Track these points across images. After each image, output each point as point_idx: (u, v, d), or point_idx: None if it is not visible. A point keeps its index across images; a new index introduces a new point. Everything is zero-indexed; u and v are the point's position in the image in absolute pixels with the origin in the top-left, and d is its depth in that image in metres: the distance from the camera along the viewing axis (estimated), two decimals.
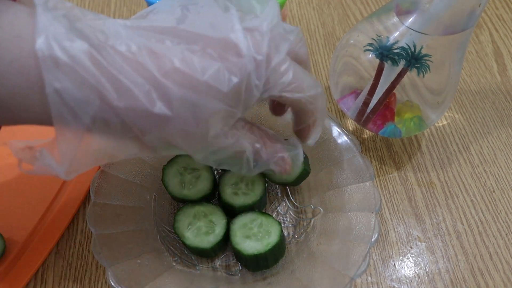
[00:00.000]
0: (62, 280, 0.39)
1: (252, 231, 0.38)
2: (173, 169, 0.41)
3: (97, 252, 0.36)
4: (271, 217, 0.39)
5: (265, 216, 0.39)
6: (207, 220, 0.39)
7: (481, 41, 0.61)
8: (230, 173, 0.42)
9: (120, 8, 0.64)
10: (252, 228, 0.38)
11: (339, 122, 0.45)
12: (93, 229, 0.38)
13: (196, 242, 0.38)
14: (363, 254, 0.36)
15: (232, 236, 0.38)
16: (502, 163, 0.48)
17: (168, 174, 0.41)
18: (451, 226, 0.44)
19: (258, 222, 0.39)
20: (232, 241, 0.38)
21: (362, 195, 0.40)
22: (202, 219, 0.39)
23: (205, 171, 0.42)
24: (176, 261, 0.39)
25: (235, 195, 0.40)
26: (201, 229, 0.39)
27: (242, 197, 0.40)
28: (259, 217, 0.39)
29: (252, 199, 0.40)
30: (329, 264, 0.37)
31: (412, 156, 0.49)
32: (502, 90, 0.55)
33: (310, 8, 0.65)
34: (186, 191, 0.41)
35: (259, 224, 0.39)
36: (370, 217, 0.38)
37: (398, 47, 0.40)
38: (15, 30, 0.23)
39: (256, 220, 0.39)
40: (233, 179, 0.41)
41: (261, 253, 0.37)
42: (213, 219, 0.39)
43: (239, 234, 0.38)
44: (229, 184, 0.41)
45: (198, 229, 0.39)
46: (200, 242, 0.38)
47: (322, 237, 0.40)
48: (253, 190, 0.41)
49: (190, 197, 0.41)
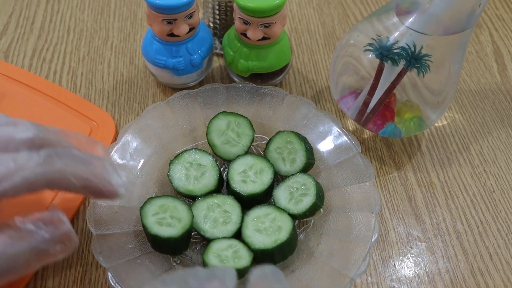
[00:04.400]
0: (62, 280, 0.39)
1: (264, 225, 0.38)
2: (179, 164, 0.42)
3: (97, 252, 0.36)
4: (285, 213, 0.39)
5: (280, 212, 0.39)
6: (222, 210, 0.40)
7: (481, 41, 0.61)
8: (239, 161, 0.42)
9: (120, 8, 0.64)
10: (265, 222, 0.38)
11: (339, 122, 0.45)
12: (93, 229, 0.38)
13: (216, 234, 0.38)
14: (363, 254, 0.36)
15: (244, 228, 0.38)
16: (502, 163, 0.48)
17: (174, 169, 0.42)
18: (451, 226, 0.44)
19: (271, 216, 0.39)
20: (242, 232, 0.38)
21: (362, 195, 0.40)
22: (216, 210, 0.40)
23: (211, 168, 0.42)
24: (176, 261, 0.39)
25: (244, 182, 0.41)
26: (218, 220, 0.39)
27: (250, 184, 0.41)
28: (274, 212, 0.39)
29: (260, 188, 0.41)
30: (329, 264, 0.37)
31: (412, 156, 0.49)
32: (502, 90, 0.55)
33: (310, 8, 0.65)
34: (191, 187, 0.41)
35: (272, 219, 0.38)
36: (370, 217, 0.38)
37: (398, 47, 0.40)
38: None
39: (270, 214, 0.39)
40: (242, 166, 0.42)
41: (268, 249, 0.37)
42: (227, 209, 0.40)
43: (250, 226, 0.38)
44: (237, 172, 0.42)
45: (215, 220, 0.39)
46: (219, 232, 0.38)
47: (322, 237, 0.40)
48: (262, 178, 0.41)
49: (195, 192, 0.41)
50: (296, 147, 0.43)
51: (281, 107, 0.47)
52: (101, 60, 0.57)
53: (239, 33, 0.47)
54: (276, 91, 0.47)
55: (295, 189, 0.41)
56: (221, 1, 0.52)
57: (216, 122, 0.44)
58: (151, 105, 0.46)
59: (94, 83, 0.54)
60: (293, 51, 0.56)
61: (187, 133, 0.46)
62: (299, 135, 0.43)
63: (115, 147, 0.43)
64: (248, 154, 0.43)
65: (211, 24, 0.55)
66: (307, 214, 0.40)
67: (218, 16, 0.53)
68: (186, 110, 0.47)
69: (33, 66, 0.56)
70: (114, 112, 0.52)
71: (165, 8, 0.44)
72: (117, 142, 0.43)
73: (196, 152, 0.43)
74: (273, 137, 0.44)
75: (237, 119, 0.44)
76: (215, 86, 0.47)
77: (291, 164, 0.43)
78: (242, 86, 0.48)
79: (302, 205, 0.39)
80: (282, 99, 0.47)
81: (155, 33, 0.47)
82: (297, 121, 0.46)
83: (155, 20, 0.45)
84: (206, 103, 0.47)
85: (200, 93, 0.47)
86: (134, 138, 0.44)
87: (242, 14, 0.45)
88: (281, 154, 0.43)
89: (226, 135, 0.44)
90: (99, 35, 0.60)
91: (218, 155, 0.44)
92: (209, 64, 0.52)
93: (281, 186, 0.41)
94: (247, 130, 0.44)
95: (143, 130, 0.45)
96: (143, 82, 0.55)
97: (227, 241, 0.38)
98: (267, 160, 0.42)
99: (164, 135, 0.45)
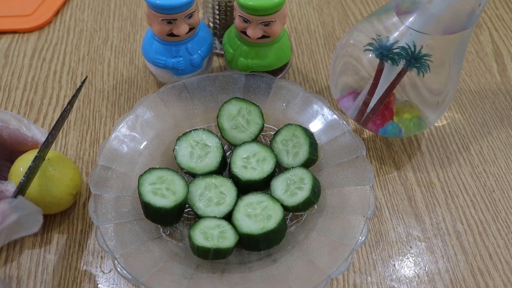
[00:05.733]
0: (62, 280, 0.39)
1: (254, 212, 0.39)
2: (186, 142, 0.43)
3: (91, 210, 0.38)
4: (278, 204, 0.39)
5: (273, 201, 0.39)
6: (218, 191, 0.40)
7: (481, 41, 0.61)
8: (244, 147, 0.43)
9: (120, 8, 0.64)
10: (256, 208, 0.39)
11: (349, 124, 0.45)
12: (93, 188, 0.39)
13: (208, 212, 0.39)
14: (345, 254, 0.36)
15: (235, 211, 0.39)
16: (502, 163, 0.48)
17: (180, 145, 0.43)
18: (451, 226, 0.44)
19: (264, 204, 0.39)
20: (233, 215, 0.39)
21: (358, 198, 0.40)
22: (213, 190, 0.41)
23: (216, 149, 0.43)
24: (165, 232, 0.40)
25: (244, 168, 0.42)
26: (212, 199, 0.40)
27: (250, 171, 0.41)
28: (267, 200, 0.40)
29: (259, 176, 0.41)
30: (310, 259, 0.37)
31: (412, 156, 0.49)
32: (502, 90, 0.55)
33: (310, 8, 0.65)
34: (193, 164, 0.42)
35: (264, 207, 0.39)
36: (361, 220, 0.38)
37: (398, 47, 0.40)
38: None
39: (264, 202, 0.39)
40: (246, 153, 0.43)
41: (253, 235, 0.37)
42: (224, 191, 0.41)
43: (242, 210, 0.39)
44: (240, 157, 0.42)
45: (209, 199, 0.40)
46: (211, 212, 0.39)
47: (311, 233, 0.40)
48: (262, 167, 0.42)
49: (196, 170, 0.42)
50: (301, 141, 0.43)
51: (295, 101, 0.47)
52: (101, 60, 0.57)
53: (239, 31, 0.47)
54: (293, 85, 0.48)
55: (293, 181, 0.41)
56: (221, 1, 0.52)
57: (228, 106, 0.45)
58: (169, 84, 0.47)
59: (94, 83, 0.54)
60: (293, 50, 0.56)
61: (200, 114, 0.48)
62: (306, 130, 0.44)
63: (127, 118, 0.44)
64: (254, 142, 0.44)
65: (211, 24, 0.55)
66: (299, 207, 0.40)
67: (218, 16, 0.53)
68: (203, 92, 0.48)
69: (33, 66, 0.56)
70: (114, 112, 0.52)
71: (165, 8, 0.44)
72: (129, 113, 0.45)
73: (204, 132, 0.44)
74: (281, 129, 0.44)
75: (249, 106, 0.45)
76: (234, 73, 0.48)
77: (293, 157, 0.43)
78: (260, 76, 0.48)
79: (296, 198, 0.40)
80: (297, 94, 0.47)
81: (155, 33, 0.47)
82: (308, 117, 0.46)
83: (155, 20, 0.45)
84: (223, 88, 0.48)
85: (219, 77, 0.48)
86: (148, 111, 0.45)
87: (242, 12, 0.45)
88: (286, 146, 0.44)
89: (236, 120, 0.45)
90: (99, 35, 0.60)
91: (225, 138, 0.45)
92: (209, 64, 0.52)
93: (279, 177, 0.42)
94: (257, 119, 0.45)
95: (158, 105, 0.46)
96: (143, 82, 0.55)
97: (216, 220, 0.39)
98: (271, 150, 0.43)
99: (178, 113, 0.47)
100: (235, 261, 0.39)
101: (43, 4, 0.63)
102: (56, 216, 0.43)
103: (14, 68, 0.56)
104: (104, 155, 0.42)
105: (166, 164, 0.44)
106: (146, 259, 0.37)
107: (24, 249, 0.41)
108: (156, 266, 0.36)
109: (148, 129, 0.45)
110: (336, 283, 0.40)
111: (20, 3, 0.63)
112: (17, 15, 0.61)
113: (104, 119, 0.51)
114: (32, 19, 0.61)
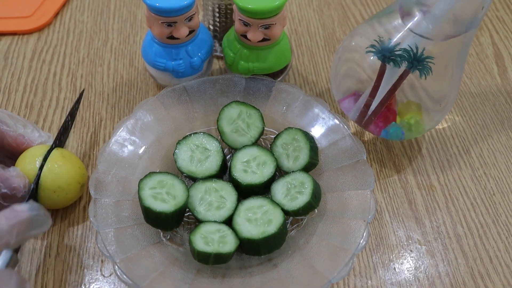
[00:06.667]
0: (62, 284, 0.39)
1: (255, 216, 0.39)
2: (186, 145, 0.43)
3: (91, 215, 0.38)
4: (279, 208, 0.39)
5: (273, 206, 0.39)
6: (218, 195, 0.40)
7: (481, 43, 0.61)
8: (244, 151, 0.43)
9: (119, 10, 0.64)
10: (257, 213, 0.39)
11: (350, 127, 0.45)
12: (93, 192, 0.39)
13: (208, 216, 0.39)
14: (346, 259, 0.36)
15: (236, 215, 0.39)
16: (502, 166, 0.48)
17: (180, 149, 0.43)
18: (451, 229, 0.44)
19: (265, 209, 0.39)
20: (233, 219, 0.39)
21: (358, 202, 0.40)
22: (213, 194, 0.40)
23: (216, 153, 0.43)
24: (166, 236, 0.40)
25: (245, 172, 0.42)
26: (213, 203, 0.40)
27: (250, 175, 0.41)
28: (268, 205, 0.39)
29: (259, 180, 0.41)
30: (311, 263, 0.37)
31: (412, 159, 0.49)
32: (503, 92, 0.55)
33: (310, 10, 0.65)
34: (193, 168, 0.42)
35: (265, 211, 0.39)
36: (362, 225, 0.38)
37: (400, 49, 0.40)
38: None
39: (264, 206, 0.39)
40: (246, 157, 0.42)
41: (254, 239, 0.37)
42: (224, 195, 0.40)
43: (242, 215, 0.39)
44: (241, 161, 0.42)
45: (210, 204, 0.40)
46: (211, 216, 0.39)
47: (312, 237, 0.40)
48: (263, 171, 0.42)
49: (196, 174, 0.42)
50: (302, 145, 0.43)
51: (295, 104, 0.47)
52: (100, 62, 0.57)
53: (239, 34, 0.47)
54: (293, 88, 0.47)
55: (293, 186, 0.41)
56: (221, 4, 0.51)
57: (228, 109, 0.45)
58: (169, 87, 0.47)
59: (94, 85, 0.54)
60: (293, 52, 0.55)
61: (200, 117, 0.48)
62: (307, 133, 0.44)
63: (126, 122, 0.44)
64: (254, 145, 0.43)
65: (211, 26, 0.55)
66: (300, 212, 0.40)
67: (218, 19, 0.53)
68: (203, 95, 0.48)
69: (33, 68, 0.56)
70: (113, 115, 0.51)
71: (165, 11, 0.44)
72: (129, 117, 0.45)
73: (204, 136, 0.44)
74: (281, 132, 0.44)
75: (249, 110, 0.45)
76: (234, 76, 0.48)
77: (294, 161, 0.43)
78: (260, 79, 0.48)
79: (296, 203, 0.40)
80: (297, 97, 0.47)
81: (155, 35, 0.47)
82: (309, 120, 0.46)
83: (155, 22, 0.45)
84: (223, 91, 0.48)
85: (219, 80, 0.48)
86: (148, 114, 0.45)
87: (242, 16, 0.45)
88: (286, 150, 0.44)
89: (236, 123, 0.45)
90: (98, 36, 0.60)
91: (225, 142, 0.45)
92: (209, 66, 0.52)
93: (280, 181, 0.42)
94: (257, 122, 0.45)
95: (158, 108, 0.46)
96: (143, 84, 0.54)
97: (217, 225, 0.39)
98: (272, 154, 0.43)
99: (178, 117, 0.47)
100: (236, 266, 0.39)
101: (42, 5, 0.63)
102: (57, 220, 0.43)
103: (14, 70, 0.56)
104: (104, 159, 0.42)
105: (166, 168, 0.44)
106: (147, 264, 0.37)
107: (24, 253, 0.41)
108: (156, 271, 0.36)
109: (148, 133, 0.45)
110: (337, 286, 0.40)
111: (19, 4, 0.63)
112: (17, 17, 0.61)
113: (104, 122, 0.51)
114: (32, 21, 0.61)
